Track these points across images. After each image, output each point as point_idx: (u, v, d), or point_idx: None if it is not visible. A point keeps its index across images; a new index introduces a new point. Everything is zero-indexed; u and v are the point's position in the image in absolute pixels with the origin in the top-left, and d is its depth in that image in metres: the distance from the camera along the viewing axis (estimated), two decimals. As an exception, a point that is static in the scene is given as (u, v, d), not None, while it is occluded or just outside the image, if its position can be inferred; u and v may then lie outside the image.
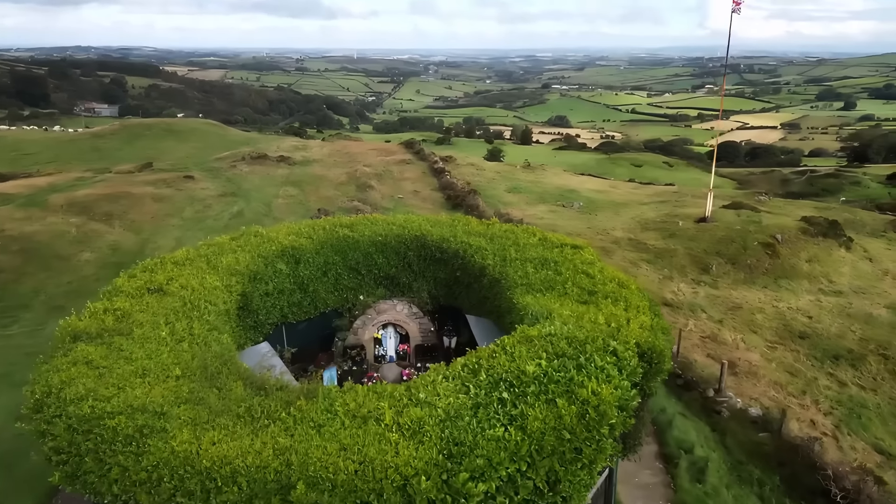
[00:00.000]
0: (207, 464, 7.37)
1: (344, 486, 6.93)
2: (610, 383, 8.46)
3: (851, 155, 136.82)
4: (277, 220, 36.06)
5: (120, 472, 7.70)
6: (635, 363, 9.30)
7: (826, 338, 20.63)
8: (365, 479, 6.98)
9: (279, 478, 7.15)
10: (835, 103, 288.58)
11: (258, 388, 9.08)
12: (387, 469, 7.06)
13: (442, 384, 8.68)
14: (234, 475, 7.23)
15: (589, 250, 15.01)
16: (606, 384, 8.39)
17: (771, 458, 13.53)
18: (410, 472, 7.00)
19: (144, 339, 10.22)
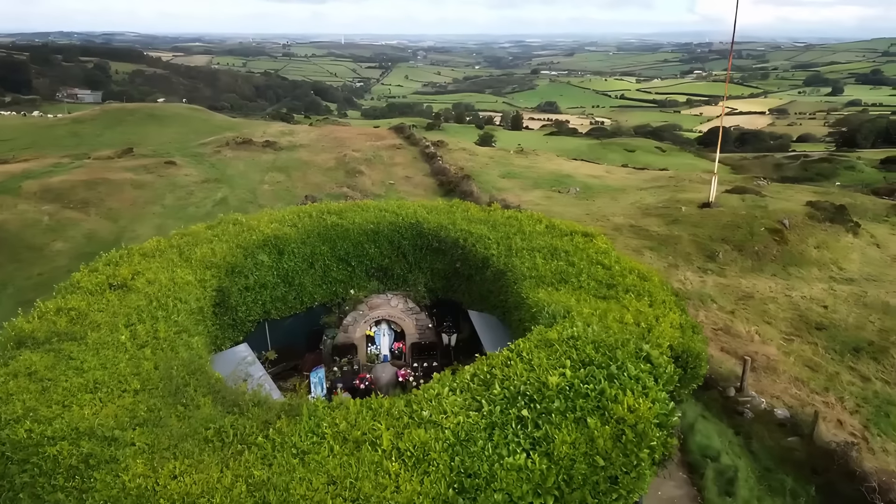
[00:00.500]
0: (166, 503, 6.01)
1: (333, 535, 5.61)
2: (647, 396, 7.16)
3: (840, 140, 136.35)
4: (263, 208, 34.39)
5: (60, 513, 6.34)
6: (671, 370, 8.01)
7: (844, 329, 19.51)
8: (359, 526, 5.67)
9: (253, 522, 5.82)
10: (822, 89, 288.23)
11: (231, 404, 7.71)
12: (386, 511, 5.75)
13: (449, 398, 7.34)
14: (197, 519, 5.89)
15: (601, 238, 13.73)
16: (643, 398, 7.08)
17: (803, 465, 12.35)
18: (415, 515, 5.69)
19: (100, 344, 8.80)
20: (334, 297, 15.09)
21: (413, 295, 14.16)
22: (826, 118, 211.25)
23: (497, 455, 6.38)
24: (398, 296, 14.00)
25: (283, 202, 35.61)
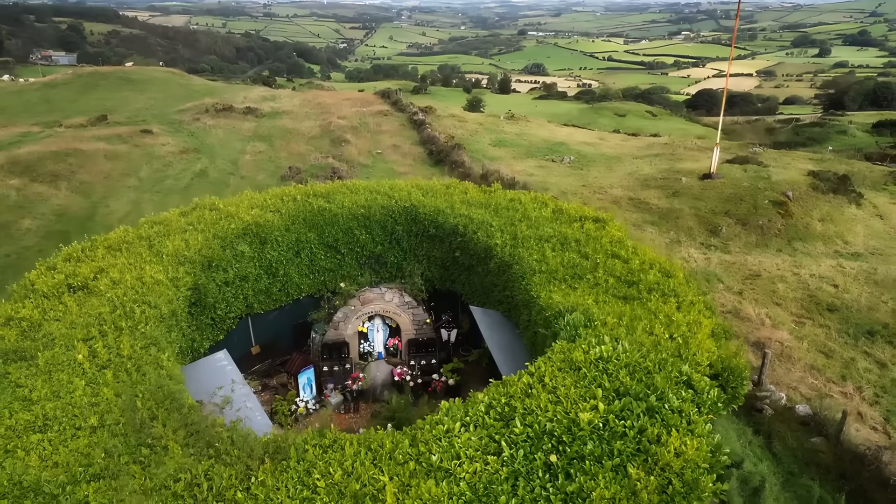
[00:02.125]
0: (125, 587, 4.92)
1: None
2: (693, 433, 6.12)
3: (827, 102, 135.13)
4: (245, 180, 33.03)
5: None
6: (715, 395, 6.97)
7: (857, 310, 18.71)
8: None
9: None
10: (809, 50, 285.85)
11: (206, 444, 6.57)
12: None
13: (462, 437, 6.26)
14: None
15: (614, 224, 12.61)
16: (690, 435, 6.04)
17: (830, 469, 11.55)
18: None
19: (53, 365, 7.60)
20: (322, 288, 13.92)
21: (409, 288, 12.99)
22: (813, 80, 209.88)
23: None
24: (393, 289, 12.84)
25: (265, 173, 34.12)
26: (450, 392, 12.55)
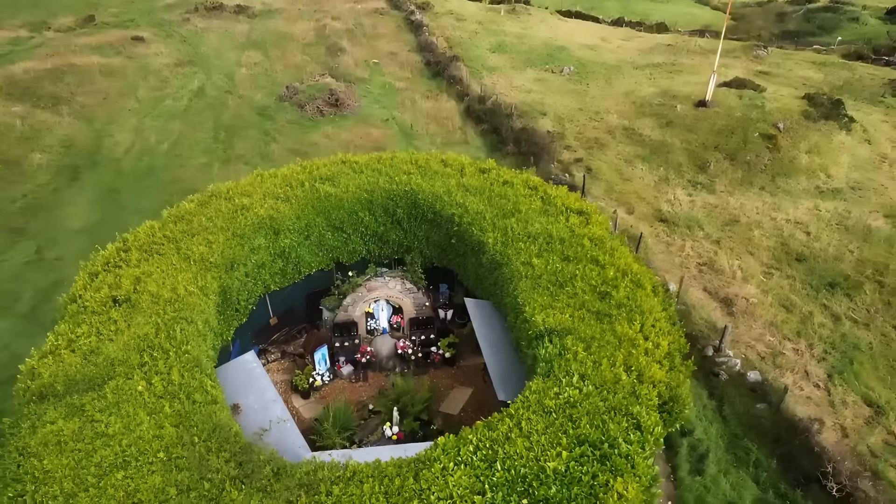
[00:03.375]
0: None
1: None
2: (636, 475, 7.89)
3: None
4: (243, 100, 33.19)
5: None
6: (659, 431, 8.69)
7: (823, 260, 20.21)
8: None
9: None
10: None
11: (248, 474, 8.32)
12: None
13: (455, 475, 8.02)
14: None
15: (595, 219, 13.77)
16: (633, 479, 7.81)
17: (768, 434, 13.64)
18: None
19: (120, 395, 9.23)
20: (330, 262, 15.35)
21: (409, 277, 14.41)
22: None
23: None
24: (395, 278, 14.27)
25: (263, 91, 34.17)
26: (446, 363, 14.39)
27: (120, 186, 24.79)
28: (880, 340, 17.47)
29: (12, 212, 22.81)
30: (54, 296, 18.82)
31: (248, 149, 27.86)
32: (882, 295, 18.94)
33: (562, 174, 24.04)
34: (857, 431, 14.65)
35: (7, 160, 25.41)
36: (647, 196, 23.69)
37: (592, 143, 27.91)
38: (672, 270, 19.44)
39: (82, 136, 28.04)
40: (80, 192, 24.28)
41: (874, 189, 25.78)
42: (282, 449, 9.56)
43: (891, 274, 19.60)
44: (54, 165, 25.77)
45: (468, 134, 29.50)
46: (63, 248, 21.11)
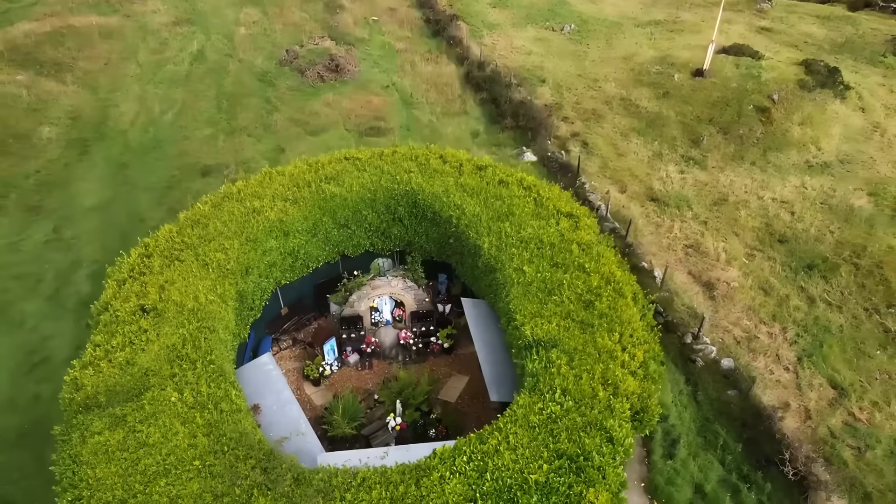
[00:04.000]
0: None
1: None
2: (606, 484, 9.20)
3: None
4: (243, 64, 33.33)
5: None
6: (629, 443, 9.96)
7: (804, 241, 21.20)
8: None
9: None
10: None
11: (273, 480, 9.64)
12: None
13: (451, 483, 9.33)
14: None
15: (584, 222, 14.72)
16: (603, 488, 9.13)
17: (737, 418, 15.03)
18: None
19: (156, 406, 10.47)
20: (336, 255, 16.40)
21: (410, 276, 15.46)
22: None
23: (488, 548, 8.58)
24: (398, 277, 15.33)
25: (263, 54, 34.26)
26: (445, 352, 15.65)
27: (128, 161, 25.51)
28: (851, 323, 18.70)
29: (27, 189, 23.64)
30: (74, 277, 20.07)
31: (251, 119, 28.36)
32: (857, 277, 20.04)
33: (558, 151, 24.72)
34: (819, 413, 16.06)
35: (17, 134, 26.01)
36: (639, 173, 24.44)
37: (590, 114, 28.39)
38: (659, 254, 20.48)
39: (88, 106, 28.49)
40: (90, 167, 25.03)
41: (862, 162, 26.48)
42: (299, 448, 10.90)
43: (867, 256, 20.62)
44: (63, 139, 26.39)
45: (468, 103, 29.89)
46: (78, 227, 22.09)
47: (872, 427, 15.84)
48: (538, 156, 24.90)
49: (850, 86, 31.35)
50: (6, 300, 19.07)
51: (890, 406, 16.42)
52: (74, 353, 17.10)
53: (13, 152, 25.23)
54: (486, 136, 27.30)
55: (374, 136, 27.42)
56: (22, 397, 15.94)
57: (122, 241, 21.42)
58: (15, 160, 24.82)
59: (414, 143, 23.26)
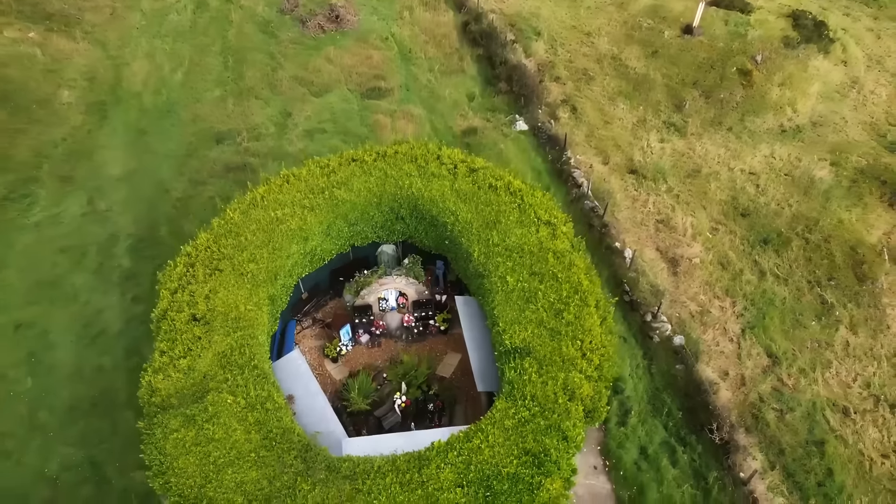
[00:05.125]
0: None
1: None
2: (560, 474, 12.44)
3: None
4: (245, 10, 33.98)
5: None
6: (581, 439, 13.11)
7: (764, 216, 23.56)
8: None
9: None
10: None
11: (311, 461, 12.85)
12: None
13: (445, 472, 12.54)
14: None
15: (560, 230, 17.16)
16: (558, 476, 12.37)
17: (681, 390, 18.26)
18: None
19: (217, 407, 13.51)
20: (347, 247, 18.98)
21: (412, 275, 18.10)
22: None
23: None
24: (401, 276, 17.97)
25: (264, 1, 34.72)
26: (441, 333, 18.64)
27: (146, 126, 27.28)
28: (793, 295, 21.61)
29: (58, 158, 25.62)
30: (114, 251, 22.63)
31: (257, 78, 29.73)
32: (805, 251, 22.71)
33: (548, 121, 26.49)
34: (753, 380, 19.32)
35: (40, 99, 27.58)
36: (623, 143, 26.39)
37: (581, 74, 29.78)
38: (633, 230, 23.00)
39: (101, 66, 29.74)
40: (111, 133, 26.87)
41: (834, 124, 28.39)
42: (328, 433, 14.12)
43: (818, 230, 23.18)
44: (82, 103, 27.97)
45: (465, 60, 31.06)
46: (110, 199, 24.36)
47: (796, 392, 19.15)
48: (529, 125, 26.72)
49: (835, 38, 32.46)
50: (57, 274, 21.72)
51: (815, 372, 19.66)
52: (125, 326, 20.25)
53: (39, 119, 26.94)
54: (481, 99, 28.87)
55: (375, 97, 28.98)
56: (87, 368, 19.05)
57: (151, 212, 24.00)
58: (42, 128, 26.60)
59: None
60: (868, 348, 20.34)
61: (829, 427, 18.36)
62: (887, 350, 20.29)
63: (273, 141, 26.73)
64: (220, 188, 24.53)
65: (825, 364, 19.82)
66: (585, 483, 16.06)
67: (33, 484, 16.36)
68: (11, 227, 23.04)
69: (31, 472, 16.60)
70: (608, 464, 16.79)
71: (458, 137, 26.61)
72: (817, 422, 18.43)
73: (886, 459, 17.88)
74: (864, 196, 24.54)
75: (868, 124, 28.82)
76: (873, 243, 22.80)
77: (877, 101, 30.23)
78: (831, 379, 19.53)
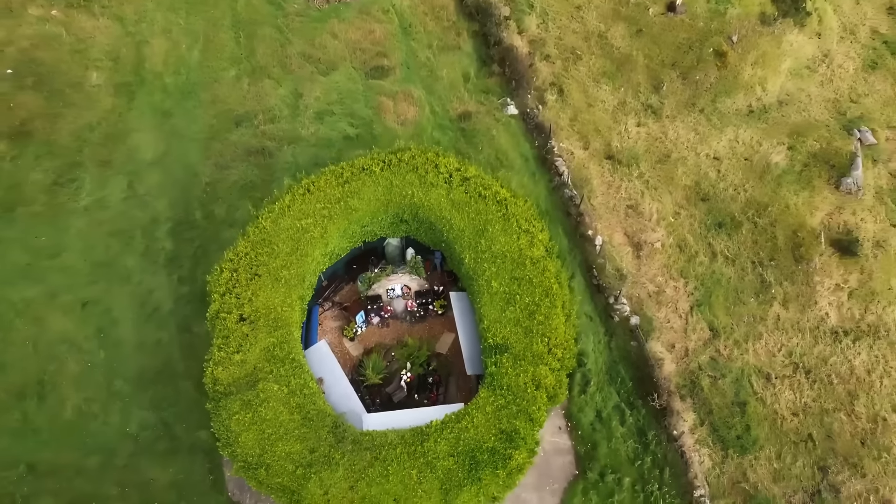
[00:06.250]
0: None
1: None
2: (526, 447, 16.81)
3: None
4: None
5: None
6: (544, 418, 17.38)
7: (722, 200, 26.85)
8: None
9: None
10: None
11: (340, 436, 17.17)
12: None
13: (440, 444, 16.89)
14: None
15: (537, 238, 20.70)
16: (524, 448, 16.74)
17: (633, 363, 22.47)
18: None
19: (266, 394, 17.67)
20: (359, 242, 22.59)
21: (414, 272, 21.78)
22: None
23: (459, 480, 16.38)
24: (405, 273, 21.68)
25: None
26: (439, 316, 22.62)
27: (170, 108, 29.93)
28: (738, 275, 25.43)
29: (96, 142, 28.50)
30: (157, 234, 26.13)
31: (268, 55, 31.93)
32: (753, 234, 26.30)
33: (536, 108, 29.20)
34: (695, 352, 23.50)
35: (71, 82, 30.06)
36: (602, 128, 29.24)
37: (569, 53, 32.03)
38: (605, 216, 26.44)
39: (122, 44, 31.83)
40: (139, 116, 29.61)
41: (799, 103, 31.15)
42: (351, 410, 18.39)
43: (766, 215, 26.65)
44: (110, 84, 30.44)
45: (461, 35, 33.08)
46: (146, 183, 27.52)
47: (729, 361, 23.39)
48: (519, 109, 29.47)
49: (812, 9, 34.33)
50: (111, 256, 25.34)
51: (747, 343, 23.82)
52: (175, 305, 24.13)
53: (73, 102, 29.56)
54: (475, 80, 31.34)
55: (378, 77, 31.41)
56: (148, 342, 23.12)
57: (184, 196, 27.27)
58: (77, 111, 29.27)
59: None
60: (795, 322, 24.40)
61: (752, 390, 22.74)
62: (811, 323, 24.36)
63: (287, 124, 29.51)
64: (243, 173, 27.67)
65: (756, 336, 23.95)
66: (551, 440, 20.60)
67: (118, 440, 20.87)
68: (63, 211, 26.39)
69: (116, 430, 21.07)
70: (570, 425, 21.27)
71: (455, 122, 29.41)
72: (743, 386, 22.78)
73: (795, 417, 22.38)
74: (812, 179, 27.78)
75: (831, 101, 31.52)
76: (814, 226, 26.31)
77: (843, 76, 32.72)
78: (760, 349, 23.71)
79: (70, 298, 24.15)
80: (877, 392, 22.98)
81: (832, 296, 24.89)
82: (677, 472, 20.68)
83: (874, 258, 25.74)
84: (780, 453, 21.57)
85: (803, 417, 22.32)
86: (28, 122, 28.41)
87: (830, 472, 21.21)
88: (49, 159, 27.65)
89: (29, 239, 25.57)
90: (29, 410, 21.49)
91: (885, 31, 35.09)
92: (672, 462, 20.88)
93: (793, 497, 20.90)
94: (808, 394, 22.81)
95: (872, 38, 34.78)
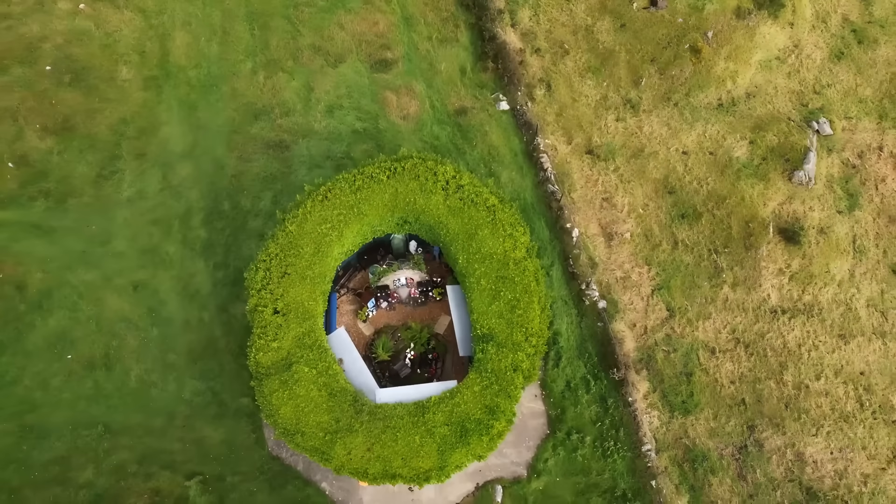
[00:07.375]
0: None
1: (408, 481, 21.01)
2: (505, 418, 21.47)
3: None
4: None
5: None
6: (519, 395, 21.96)
7: (686, 193, 30.51)
8: (414, 478, 20.99)
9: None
10: None
11: (359, 408, 21.76)
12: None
13: (437, 415, 21.52)
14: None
15: (520, 241, 24.69)
16: (503, 420, 21.41)
17: (599, 340, 26.89)
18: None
19: (299, 375, 22.14)
20: (369, 237, 26.58)
21: (417, 268, 25.83)
22: None
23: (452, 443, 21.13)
24: (409, 268, 25.76)
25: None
26: (437, 302, 26.88)
27: (195, 101, 33.09)
28: (695, 261, 29.54)
29: (131, 136, 31.88)
30: (192, 223, 30.00)
31: (281, 49, 34.65)
32: (711, 224, 30.20)
33: (525, 104, 32.40)
34: (653, 330, 27.90)
35: (104, 77, 33.08)
36: (585, 123, 32.52)
37: (558, 47, 34.85)
38: (583, 208, 30.23)
39: (146, 38, 34.57)
40: (167, 110, 32.83)
41: (765, 96, 34.25)
42: (366, 386, 22.94)
43: (724, 207, 30.45)
44: (139, 78, 33.47)
45: (459, 28, 35.75)
46: (179, 175, 31.12)
47: (681, 337, 27.82)
48: (511, 105, 32.68)
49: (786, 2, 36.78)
50: (153, 243, 29.31)
51: (698, 322, 28.20)
52: (213, 288, 28.34)
53: (106, 96, 32.70)
54: (471, 75, 34.30)
55: (382, 70, 34.34)
56: (193, 321, 27.46)
57: (213, 187, 30.94)
58: (112, 106, 32.46)
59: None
60: (741, 302, 28.68)
61: (698, 362, 27.28)
62: (754, 303, 28.65)
63: (300, 117, 32.75)
64: (264, 165, 31.22)
65: (706, 315, 28.29)
66: (528, 405, 25.31)
67: (176, 404, 25.55)
68: (109, 202, 30.16)
69: (173, 396, 25.72)
70: (544, 393, 25.93)
71: (452, 117, 32.68)
72: (691, 359, 27.30)
73: (732, 384, 27.03)
74: (769, 172, 31.40)
75: (796, 93, 34.62)
76: (765, 217, 30.15)
77: (810, 67, 35.63)
78: (709, 327, 28.10)
79: (123, 281, 28.27)
80: (804, 363, 27.51)
81: (775, 279, 29.03)
82: (630, 431, 25.49)
83: (816, 244, 29.73)
84: (717, 414, 26.32)
85: (739, 385, 26.95)
86: (70, 118, 31.68)
87: (757, 430, 26.01)
88: (91, 153, 31.10)
89: (82, 228, 29.42)
90: (99, 379, 26.05)
91: (856, 18, 37.51)
92: (626, 423, 25.66)
93: (724, 450, 25.79)
94: (745, 365, 27.35)
95: (843, 26, 37.30)
